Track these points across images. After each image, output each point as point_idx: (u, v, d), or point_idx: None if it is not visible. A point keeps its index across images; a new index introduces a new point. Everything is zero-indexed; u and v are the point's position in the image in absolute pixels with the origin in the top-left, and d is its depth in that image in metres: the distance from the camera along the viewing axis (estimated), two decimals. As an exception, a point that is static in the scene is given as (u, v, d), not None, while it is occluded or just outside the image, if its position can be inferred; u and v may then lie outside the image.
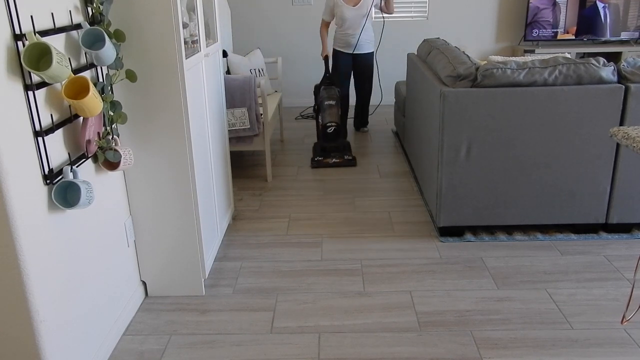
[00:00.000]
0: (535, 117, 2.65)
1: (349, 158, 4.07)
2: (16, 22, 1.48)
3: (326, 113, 4.19)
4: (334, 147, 4.16)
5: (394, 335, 2.13)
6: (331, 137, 4.15)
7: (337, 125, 4.13)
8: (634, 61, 2.75)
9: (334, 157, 4.07)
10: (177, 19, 1.99)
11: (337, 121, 4.13)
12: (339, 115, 4.17)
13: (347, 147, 4.21)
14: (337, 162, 4.04)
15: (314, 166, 4.04)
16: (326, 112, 4.19)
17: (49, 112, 1.64)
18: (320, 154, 4.13)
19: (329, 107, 4.18)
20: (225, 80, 3.44)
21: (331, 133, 4.15)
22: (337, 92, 4.23)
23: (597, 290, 2.40)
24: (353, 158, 4.07)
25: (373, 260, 2.70)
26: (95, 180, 1.96)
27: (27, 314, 1.57)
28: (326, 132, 4.15)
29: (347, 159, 4.06)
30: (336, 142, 4.16)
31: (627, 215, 2.83)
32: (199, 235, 2.32)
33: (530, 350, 2.02)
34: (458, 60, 2.82)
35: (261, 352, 2.05)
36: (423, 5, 5.79)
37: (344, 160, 4.06)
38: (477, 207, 2.81)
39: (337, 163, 4.04)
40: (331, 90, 4.27)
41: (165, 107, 2.10)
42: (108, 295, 2.06)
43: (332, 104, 4.18)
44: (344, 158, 4.07)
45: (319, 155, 4.13)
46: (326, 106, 4.19)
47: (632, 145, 1.68)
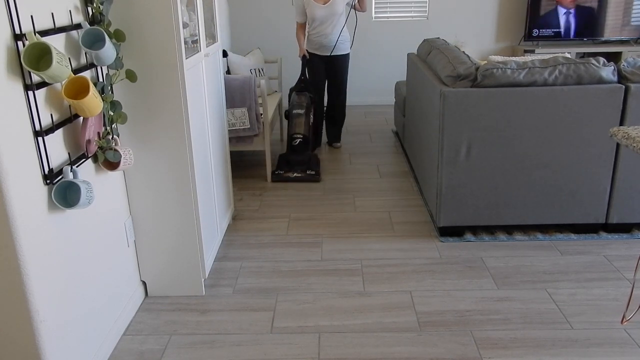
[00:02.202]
0: (535, 117, 2.65)
1: (312, 173, 3.74)
2: (16, 22, 1.48)
3: (293, 123, 3.91)
4: (299, 160, 3.83)
5: (394, 335, 2.13)
6: (296, 149, 3.85)
7: (304, 138, 3.85)
8: (634, 61, 2.75)
9: (295, 172, 3.75)
10: (177, 19, 1.99)
11: (303, 133, 3.85)
12: (308, 125, 3.91)
13: (313, 161, 3.87)
14: (299, 176, 3.71)
15: (274, 180, 3.74)
16: (293, 121, 3.92)
17: (49, 112, 1.64)
18: (282, 167, 3.83)
19: (297, 116, 3.91)
20: (225, 80, 3.44)
21: (296, 145, 3.85)
22: (308, 99, 3.97)
23: (597, 290, 2.40)
24: (316, 173, 3.74)
25: (373, 260, 2.70)
26: (95, 180, 1.96)
27: (27, 314, 1.57)
28: (291, 144, 3.87)
29: (309, 174, 3.73)
30: (302, 155, 3.84)
31: (627, 215, 2.83)
32: (199, 235, 2.32)
33: (530, 350, 2.02)
34: (458, 60, 2.82)
35: (261, 352, 2.05)
36: (423, 5, 5.79)
37: (306, 175, 3.73)
38: (477, 207, 2.81)
39: (299, 178, 3.71)
40: (302, 97, 3.99)
41: (165, 107, 2.10)
42: (108, 295, 2.06)
43: (300, 112, 3.90)
44: (306, 173, 3.74)
45: (281, 167, 3.82)
46: (294, 115, 3.92)
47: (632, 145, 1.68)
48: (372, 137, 4.83)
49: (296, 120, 3.90)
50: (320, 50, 4.15)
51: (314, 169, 3.77)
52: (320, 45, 4.13)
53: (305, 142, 3.84)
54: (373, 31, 5.86)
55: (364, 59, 5.95)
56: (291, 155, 3.85)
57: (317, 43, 4.13)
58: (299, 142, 3.83)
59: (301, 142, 3.84)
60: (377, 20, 5.83)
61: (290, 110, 3.94)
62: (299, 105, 3.93)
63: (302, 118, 3.88)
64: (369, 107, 5.98)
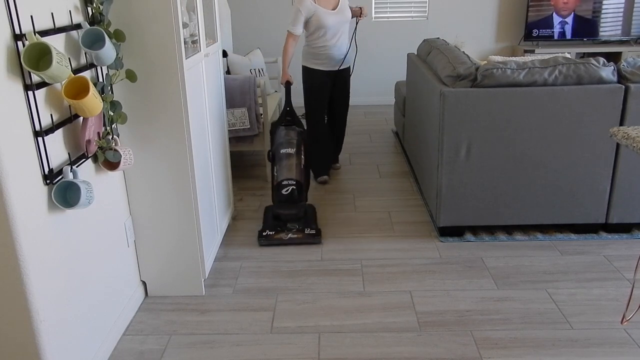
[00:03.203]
0: (535, 117, 2.65)
1: (311, 232, 2.87)
2: (16, 22, 1.48)
3: (282, 166, 3.04)
4: (292, 215, 2.96)
5: (394, 335, 2.13)
6: (288, 200, 2.98)
7: (297, 184, 2.99)
8: (634, 61, 2.75)
9: (290, 231, 2.88)
10: (177, 19, 1.99)
11: (296, 178, 3.00)
12: (300, 168, 3.06)
13: (309, 215, 3.04)
14: (294, 238, 2.85)
15: (261, 244, 2.86)
16: (282, 164, 3.04)
17: (49, 112, 1.64)
18: (271, 226, 2.94)
19: (286, 157, 3.05)
20: (225, 80, 3.44)
21: (288, 195, 2.97)
22: (298, 135, 3.19)
23: (597, 290, 2.40)
24: (317, 232, 2.87)
25: (373, 260, 2.70)
26: (95, 180, 1.96)
27: (27, 314, 1.57)
28: (281, 194, 2.98)
29: (308, 234, 2.85)
30: (295, 207, 2.97)
31: (627, 215, 2.83)
32: (199, 235, 2.32)
33: (530, 350, 2.02)
34: (458, 60, 2.82)
35: (261, 352, 2.05)
36: (423, 5, 5.79)
37: (304, 235, 2.85)
38: (477, 207, 2.81)
39: (294, 240, 2.85)
40: (291, 133, 3.18)
41: (165, 107, 2.10)
42: (108, 295, 2.06)
43: (290, 152, 3.05)
44: (304, 233, 2.86)
45: (270, 226, 2.93)
46: (282, 156, 3.07)
47: (632, 145, 1.68)
48: (372, 137, 4.83)
49: (285, 162, 3.05)
50: (327, 65, 3.53)
51: (312, 227, 2.92)
52: (329, 59, 3.51)
53: (298, 189, 3.00)
54: (373, 31, 5.85)
55: (364, 58, 5.95)
56: (281, 208, 2.98)
57: (324, 56, 3.50)
58: (291, 191, 2.98)
59: (294, 191, 2.98)
60: (377, 21, 5.83)
61: (277, 150, 3.08)
62: (287, 143, 3.10)
63: (292, 159, 3.04)
64: (369, 107, 5.98)
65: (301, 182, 3.02)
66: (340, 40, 3.52)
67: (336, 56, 3.52)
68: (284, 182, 2.99)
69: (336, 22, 3.42)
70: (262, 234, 2.87)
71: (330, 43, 3.47)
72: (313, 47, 3.51)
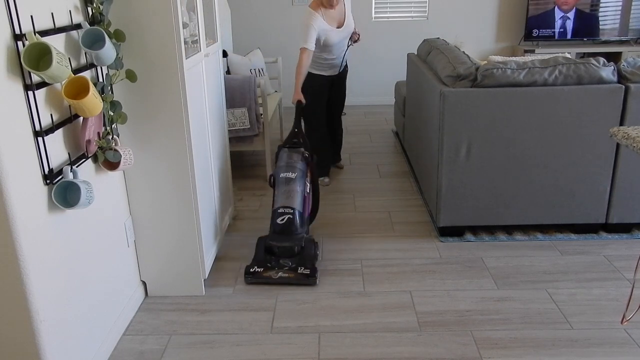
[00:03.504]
0: (535, 117, 2.65)
1: (305, 272, 2.49)
2: (16, 22, 1.48)
3: (281, 192, 2.73)
4: (286, 248, 2.57)
5: (394, 335, 2.13)
6: (282, 230, 2.62)
7: (294, 214, 2.64)
8: (634, 61, 2.75)
9: (281, 269, 2.51)
10: (177, 19, 1.99)
11: (293, 206, 2.66)
12: (302, 196, 2.73)
13: (307, 251, 2.59)
14: (285, 277, 2.49)
15: (247, 282, 2.53)
16: (281, 189, 2.74)
17: (49, 112, 1.64)
18: (261, 261, 2.57)
19: (285, 182, 2.74)
20: (225, 80, 3.44)
21: (282, 224, 2.62)
22: (303, 159, 2.86)
23: (597, 290, 2.40)
24: (312, 271, 2.50)
25: (373, 260, 2.70)
26: (95, 180, 1.96)
27: (27, 314, 1.57)
28: (276, 223, 2.64)
29: (300, 274, 2.49)
30: (290, 239, 2.58)
31: (627, 215, 2.83)
32: (199, 235, 2.32)
33: (530, 350, 2.02)
34: (458, 60, 2.82)
35: (261, 352, 2.05)
36: (423, 5, 5.79)
37: (296, 275, 2.49)
38: (477, 207, 2.81)
39: (285, 279, 2.49)
40: (294, 156, 2.86)
41: (165, 107, 2.10)
42: (108, 295, 2.06)
43: (291, 177, 2.74)
44: (297, 272, 2.50)
45: (260, 262, 2.56)
46: (282, 180, 2.76)
47: (632, 145, 1.68)
48: (372, 137, 4.83)
49: (284, 188, 2.73)
50: (328, 71, 3.65)
51: (307, 265, 2.53)
52: (331, 66, 3.64)
53: (297, 219, 2.64)
54: (373, 31, 5.85)
55: (363, 59, 5.95)
56: (275, 240, 2.59)
57: (327, 65, 3.62)
58: (287, 220, 2.62)
59: (290, 220, 2.62)
60: (377, 21, 5.83)
61: (277, 174, 2.80)
62: (288, 167, 2.79)
63: (293, 185, 2.72)
64: (369, 107, 5.98)
65: (301, 212, 2.67)
66: (345, 50, 3.65)
67: (337, 64, 3.66)
68: (280, 209, 2.66)
69: (341, 38, 3.53)
70: (249, 269, 2.51)
71: (334, 56, 3.59)
72: (316, 57, 3.57)
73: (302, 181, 2.77)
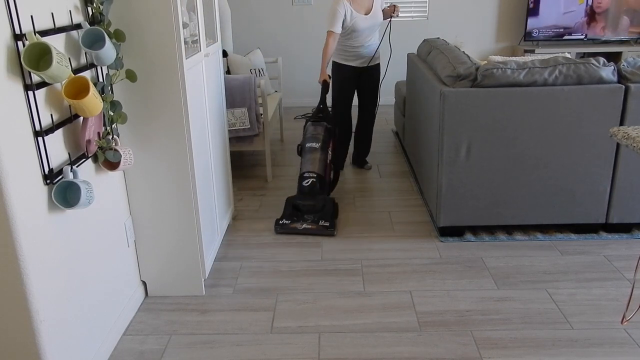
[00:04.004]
0: (535, 117, 2.65)
1: (325, 225, 2.97)
2: (16, 22, 1.48)
3: (306, 159, 3.21)
4: (310, 206, 3.07)
5: (394, 335, 2.13)
6: (307, 191, 3.11)
7: (318, 178, 3.13)
8: (634, 61, 2.74)
9: (305, 222, 3.00)
10: (177, 19, 1.99)
11: (317, 172, 3.15)
12: (324, 163, 3.22)
13: (327, 209, 3.08)
14: (308, 228, 2.96)
15: (277, 232, 3.01)
16: (306, 157, 3.21)
17: (49, 112, 1.64)
18: (289, 215, 3.07)
19: (310, 151, 3.22)
20: (225, 80, 3.44)
21: (307, 187, 3.11)
22: (326, 132, 3.33)
23: (597, 290, 2.40)
24: (331, 225, 2.97)
25: (373, 260, 2.70)
26: (95, 180, 1.96)
27: (27, 314, 1.57)
28: (301, 185, 3.13)
29: (321, 226, 2.96)
30: (314, 199, 3.08)
31: (627, 215, 2.83)
32: (199, 235, 2.32)
33: (530, 350, 2.02)
34: (458, 60, 2.82)
35: (261, 352, 2.05)
36: (423, 5, 5.79)
37: (318, 227, 2.96)
38: (477, 207, 2.81)
39: (308, 230, 2.96)
40: (318, 129, 3.33)
41: (165, 107, 2.10)
42: (108, 295, 2.06)
43: (315, 147, 3.22)
44: (318, 224, 2.97)
45: (288, 216, 3.06)
46: (307, 150, 3.24)
47: (632, 145, 1.68)
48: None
49: (309, 156, 3.21)
50: (355, 62, 3.70)
51: (328, 219, 3.00)
52: (358, 56, 3.68)
53: (320, 183, 3.12)
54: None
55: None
56: (300, 199, 3.09)
57: (353, 54, 3.67)
58: (311, 183, 3.10)
59: (313, 183, 3.11)
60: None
61: (303, 144, 3.29)
62: (313, 138, 3.26)
63: (316, 154, 3.20)
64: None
65: (322, 176, 3.15)
66: (370, 41, 3.68)
67: (365, 54, 3.68)
68: (305, 174, 3.15)
69: (368, 25, 3.58)
70: (278, 222, 3.03)
71: (360, 43, 3.64)
72: (343, 45, 3.66)
73: (325, 150, 3.24)
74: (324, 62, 3.56)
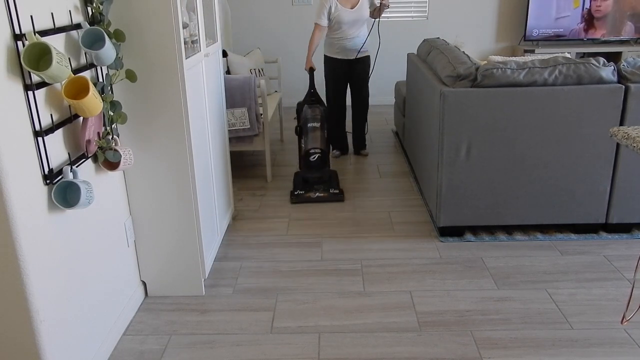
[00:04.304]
0: (535, 117, 2.65)
1: (335, 192, 3.48)
2: (16, 22, 1.48)
3: (309, 137, 3.62)
4: (318, 178, 3.59)
5: (394, 335, 2.13)
6: (314, 166, 3.59)
7: (322, 152, 3.58)
8: (634, 61, 2.74)
9: (317, 191, 3.49)
10: (177, 19, 1.99)
11: (321, 147, 3.58)
12: (325, 139, 3.64)
13: (333, 178, 3.64)
14: (321, 196, 3.45)
15: (294, 201, 3.43)
16: (309, 136, 3.63)
17: (49, 112, 1.64)
18: (301, 187, 3.56)
19: (313, 130, 3.63)
20: (225, 80, 3.44)
21: (314, 161, 3.58)
22: (322, 112, 3.70)
23: (597, 290, 2.40)
24: (340, 192, 3.48)
25: (373, 260, 2.70)
26: (95, 180, 1.96)
27: (27, 314, 1.57)
28: (309, 161, 3.58)
29: (332, 193, 3.47)
30: (320, 172, 3.58)
31: (627, 215, 2.83)
32: (199, 235, 2.32)
33: (530, 350, 2.02)
34: (458, 60, 2.82)
35: (261, 352, 2.05)
36: (423, 5, 5.79)
37: (329, 194, 3.46)
38: (477, 207, 2.81)
39: (321, 198, 3.45)
40: (316, 110, 3.71)
41: (165, 107, 2.10)
42: (108, 295, 2.06)
43: (316, 126, 3.63)
44: (329, 192, 3.48)
45: (300, 187, 3.55)
46: (309, 129, 3.64)
47: (632, 145, 1.68)
48: (372, 137, 4.83)
49: (312, 134, 3.63)
50: (343, 54, 3.99)
51: (336, 187, 3.54)
52: (344, 49, 3.96)
53: (323, 157, 3.58)
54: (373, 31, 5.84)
55: (364, 59, 5.94)
56: (309, 172, 3.59)
57: (340, 47, 3.96)
58: (317, 158, 3.57)
59: (319, 158, 3.58)
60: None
61: (304, 124, 3.66)
62: (313, 118, 3.66)
63: (318, 132, 3.62)
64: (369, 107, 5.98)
65: (326, 151, 3.59)
66: (355, 34, 3.94)
67: (350, 47, 3.96)
68: (312, 150, 3.57)
69: (352, 19, 3.87)
70: (293, 193, 3.48)
71: (345, 36, 3.93)
72: (330, 38, 3.98)
73: (323, 129, 3.64)
74: (309, 52, 3.95)
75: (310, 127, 3.63)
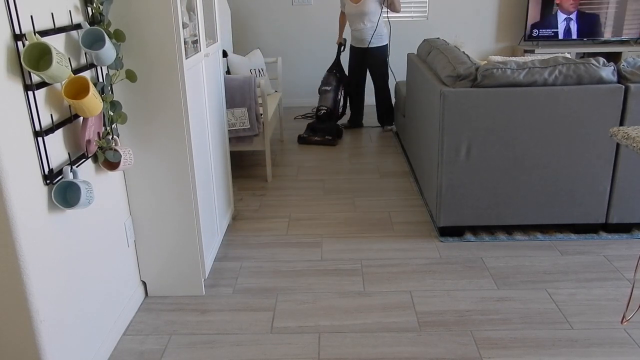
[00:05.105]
0: (535, 117, 2.65)
1: (329, 138, 4.60)
2: (16, 22, 1.48)
3: (321, 98, 4.77)
4: (322, 128, 4.68)
5: (394, 335, 2.13)
6: (321, 119, 4.71)
7: (328, 110, 4.68)
8: (634, 61, 2.75)
9: (318, 136, 4.64)
10: (177, 19, 1.99)
11: (328, 106, 4.68)
12: (334, 100, 4.70)
13: (333, 130, 4.66)
14: (319, 140, 4.61)
15: (299, 142, 4.65)
16: (321, 97, 4.78)
17: (49, 112, 1.64)
18: (308, 132, 4.71)
19: (324, 92, 4.76)
20: (225, 80, 3.44)
21: (321, 116, 4.69)
22: (335, 78, 4.76)
23: (597, 290, 2.40)
24: (332, 138, 4.58)
25: (373, 260, 2.70)
26: (95, 180, 1.96)
27: (27, 314, 1.57)
28: (317, 115, 4.73)
29: (326, 139, 4.60)
30: (325, 124, 4.70)
31: (627, 215, 2.83)
32: (199, 235, 2.32)
33: (530, 350, 2.02)
34: (458, 60, 2.82)
35: (261, 352, 2.05)
36: (423, 5, 5.79)
37: (324, 139, 4.60)
38: (477, 207, 2.81)
39: (318, 141, 4.61)
40: (330, 77, 4.79)
41: (165, 107, 2.10)
42: (108, 295, 2.06)
43: (327, 89, 4.73)
44: (325, 138, 4.60)
45: (307, 133, 4.69)
46: (322, 91, 4.79)
47: (632, 145, 1.68)
48: (372, 137, 4.83)
49: (323, 95, 4.76)
50: (357, 43, 4.75)
51: (332, 135, 4.62)
52: (355, 38, 4.74)
53: (328, 113, 4.69)
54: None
55: (364, 59, 5.94)
56: (317, 124, 4.72)
57: (353, 36, 4.75)
58: (323, 113, 4.69)
59: (325, 113, 4.68)
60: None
61: (320, 87, 4.81)
62: (326, 82, 4.78)
63: (328, 94, 4.74)
64: (369, 107, 5.97)
65: (331, 109, 4.70)
66: (360, 27, 4.62)
67: (359, 37, 4.69)
68: (321, 107, 4.72)
69: (355, 12, 4.56)
70: (300, 136, 4.67)
71: (353, 27, 4.68)
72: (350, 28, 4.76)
73: (334, 92, 4.77)
74: (339, 28, 4.93)
75: (323, 89, 4.77)
